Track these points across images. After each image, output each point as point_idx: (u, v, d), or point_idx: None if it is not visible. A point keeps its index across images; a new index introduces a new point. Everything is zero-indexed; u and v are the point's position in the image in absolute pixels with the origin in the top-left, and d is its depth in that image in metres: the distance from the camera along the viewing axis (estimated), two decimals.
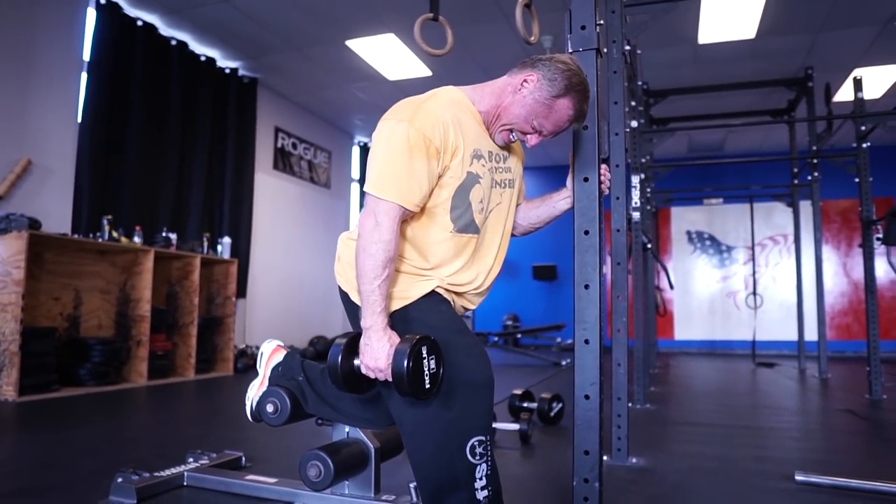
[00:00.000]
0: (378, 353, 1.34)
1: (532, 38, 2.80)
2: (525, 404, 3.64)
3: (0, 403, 4.06)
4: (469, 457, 1.35)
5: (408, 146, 1.37)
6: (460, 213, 1.47)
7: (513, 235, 1.76)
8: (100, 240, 5.03)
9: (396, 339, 1.36)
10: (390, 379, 1.33)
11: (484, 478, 1.37)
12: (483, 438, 1.37)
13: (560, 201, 1.72)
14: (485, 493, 1.37)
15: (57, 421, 3.59)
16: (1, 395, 4.18)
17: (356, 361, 1.42)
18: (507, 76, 1.53)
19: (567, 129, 1.52)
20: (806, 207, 7.00)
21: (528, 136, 1.51)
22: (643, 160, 4.84)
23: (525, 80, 1.47)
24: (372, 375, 1.37)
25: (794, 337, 7.87)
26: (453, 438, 1.36)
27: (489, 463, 1.39)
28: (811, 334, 6.95)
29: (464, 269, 1.52)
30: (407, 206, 1.38)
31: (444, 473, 1.36)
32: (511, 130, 1.51)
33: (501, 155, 1.58)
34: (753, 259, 9.45)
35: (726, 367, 7.86)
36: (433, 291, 1.49)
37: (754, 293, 8.78)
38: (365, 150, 10.27)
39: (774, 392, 5.36)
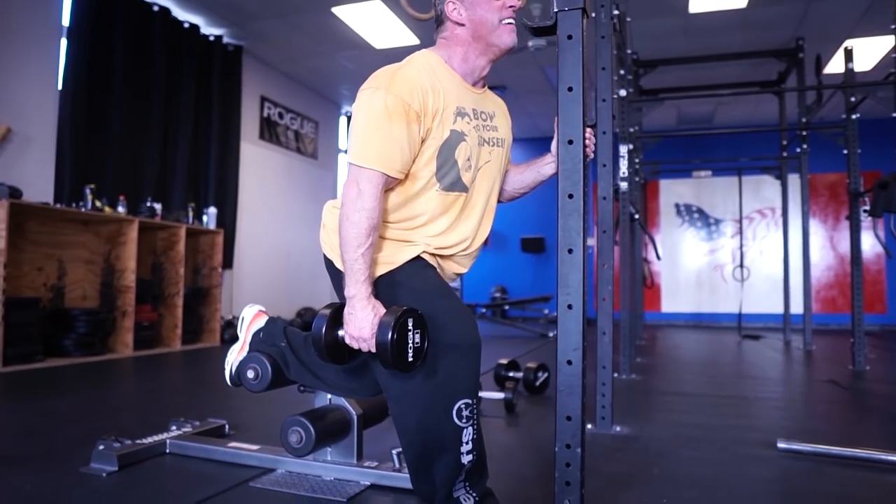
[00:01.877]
0: (362, 323, 1.33)
1: (519, 2, 2.74)
2: (510, 374, 3.65)
3: None
4: (455, 420, 1.35)
5: (387, 113, 1.36)
6: (446, 171, 1.45)
7: (498, 201, 1.74)
8: (83, 209, 4.96)
9: (381, 310, 1.35)
10: (374, 350, 1.32)
11: (470, 442, 1.37)
12: (469, 401, 1.37)
13: (545, 166, 1.71)
14: (469, 457, 1.37)
15: (41, 391, 3.57)
16: None
17: (340, 332, 1.41)
18: (439, 31, 1.57)
19: None
20: (794, 180, 7.00)
21: (508, 3, 1.53)
22: (631, 130, 4.80)
23: (451, 8, 1.52)
24: (356, 345, 1.36)
25: (780, 310, 7.94)
26: (440, 401, 1.35)
27: (475, 427, 1.38)
28: (797, 307, 7.00)
29: (450, 228, 1.50)
30: (389, 172, 1.37)
31: (431, 437, 1.35)
32: (502, 21, 1.52)
33: (487, 113, 1.57)
34: (741, 232, 9.49)
35: (712, 339, 7.93)
36: (418, 257, 1.47)
37: (741, 266, 8.83)
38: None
39: (759, 363, 5.41)
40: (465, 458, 1.36)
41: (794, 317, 7.32)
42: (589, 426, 2.74)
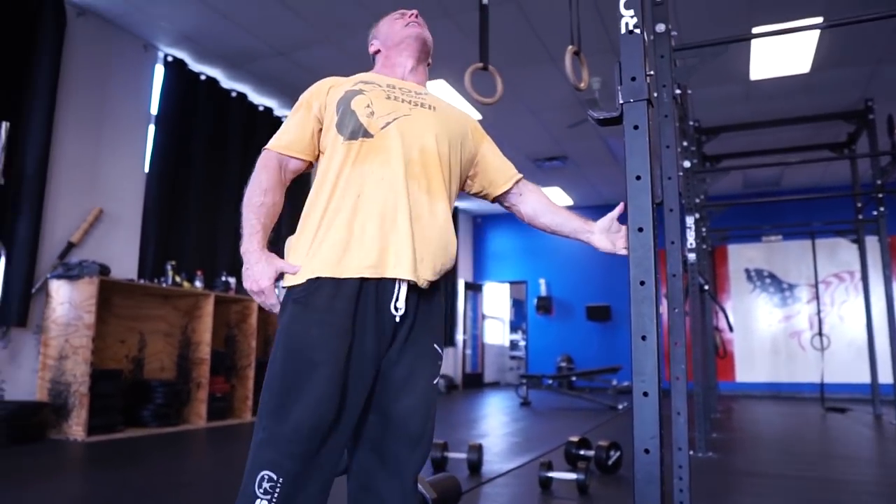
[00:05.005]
0: (259, 275, 1.36)
1: (582, 84, 2.83)
2: (582, 452, 3.56)
3: (70, 443, 4.21)
4: (255, 487, 1.26)
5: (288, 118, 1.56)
6: (345, 122, 1.44)
7: (518, 215, 1.71)
8: (163, 284, 5.23)
9: (277, 260, 1.38)
10: (271, 300, 1.36)
11: None
12: (274, 477, 1.26)
13: (587, 234, 1.63)
14: None
15: (122, 462, 3.70)
16: (71, 434, 4.34)
17: None
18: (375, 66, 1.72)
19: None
20: (873, 243, 6.73)
21: (410, 16, 1.67)
22: (697, 200, 4.76)
23: (374, 45, 1.71)
24: (256, 300, 1.39)
25: (866, 379, 7.48)
26: (253, 458, 1.29)
27: None
28: (886, 376, 6.61)
29: (355, 169, 1.40)
30: (278, 149, 1.51)
31: (242, 492, 1.29)
32: (403, 27, 1.65)
33: (414, 91, 1.56)
34: (818, 297, 9.09)
35: (793, 411, 7.52)
36: (331, 280, 1.33)
37: (820, 333, 8.42)
38: None
39: (848, 440, 5.09)
40: None
41: (884, 387, 6.90)
42: None
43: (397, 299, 1.35)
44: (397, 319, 1.36)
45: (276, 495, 1.26)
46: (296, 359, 1.29)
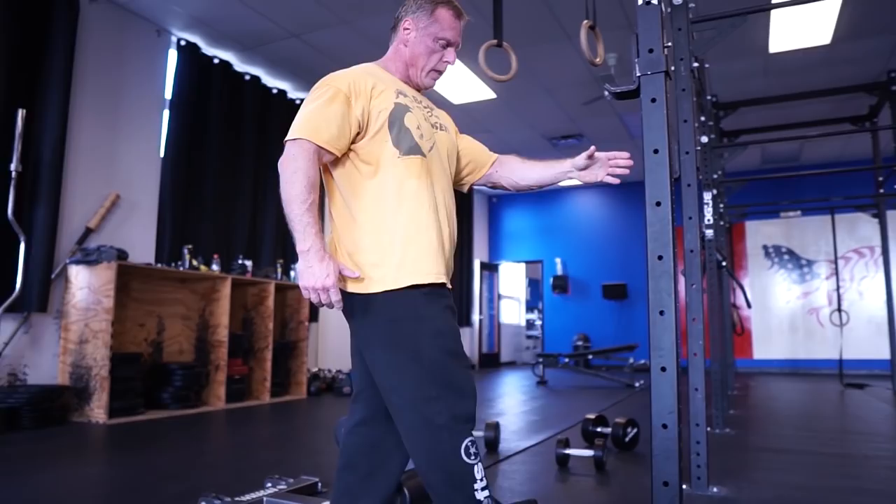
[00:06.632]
0: (322, 273, 1.36)
1: (597, 60, 2.79)
2: (599, 429, 3.56)
3: (92, 426, 4.29)
4: (465, 458, 1.37)
5: (319, 100, 1.47)
6: (401, 138, 1.51)
7: (503, 189, 1.85)
8: (181, 268, 5.27)
9: (338, 262, 1.42)
10: (336, 297, 1.37)
11: (483, 478, 1.39)
12: (473, 440, 1.40)
13: (564, 173, 1.77)
14: (485, 493, 1.39)
15: (144, 444, 3.76)
16: (93, 417, 4.41)
17: None
18: (391, 45, 1.68)
19: (459, 25, 1.67)
20: (894, 217, 6.62)
21: (445, 58, 1.66)
22: (714, 176, 4.70)
23: (405, 28, 1.64)
24: (314, 298, 1.39)
25: (885, 355, 7.41)
26: (446, 442, 1.38)
27: (482, 464, 1.41)
28: None
29: (424, 190, 1.52)
30: (317, 141, 1.44)
31: (444, 476, 1.38)
32: (433, 69, 1.65)
33: (426, 103, 1.66)
34: (837, 273, 8.97)
35: (811, 388, 7.47)
36: (441, 287, 1.50)
37: (839, 309, 8.33)
38: None
39: (866, 416, 5.06)
40: (481, 494, 1.38)
41: None
42: (684, 487, 2.63)
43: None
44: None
45: (480, 456, 1.41)
46: (451, 337, 1.46)
